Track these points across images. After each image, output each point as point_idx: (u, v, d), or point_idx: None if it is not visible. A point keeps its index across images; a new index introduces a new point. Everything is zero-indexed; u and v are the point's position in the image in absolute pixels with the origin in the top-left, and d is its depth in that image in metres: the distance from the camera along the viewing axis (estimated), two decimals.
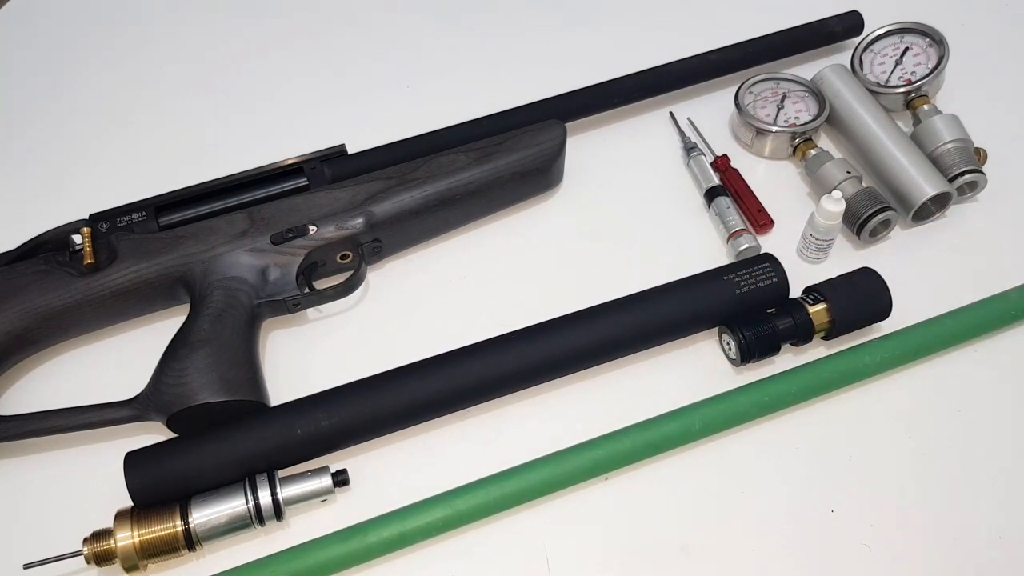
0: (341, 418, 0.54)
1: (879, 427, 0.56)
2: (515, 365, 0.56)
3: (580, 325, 0.57)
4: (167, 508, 0.51)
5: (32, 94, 0.79)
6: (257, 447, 0.53)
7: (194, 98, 0.78)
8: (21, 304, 0.57)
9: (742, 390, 0.56)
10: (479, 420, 0.57)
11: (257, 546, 0.53)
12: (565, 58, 0.78)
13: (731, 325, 0.57)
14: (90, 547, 0.50)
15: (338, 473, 0.53)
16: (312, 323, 0.63)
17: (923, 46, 0.69)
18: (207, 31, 0.83)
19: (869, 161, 0.66)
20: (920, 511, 0.53)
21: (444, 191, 0.62)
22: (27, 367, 0.61)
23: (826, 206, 0.59)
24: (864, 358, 0.57)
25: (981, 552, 0.52)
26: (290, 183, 0.63)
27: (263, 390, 0.57)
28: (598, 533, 0.53)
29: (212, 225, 0.60)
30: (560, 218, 0.67)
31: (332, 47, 0.81)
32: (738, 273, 0.58)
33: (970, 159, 0.64)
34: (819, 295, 0.58)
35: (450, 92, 0.76)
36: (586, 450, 0.54)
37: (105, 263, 0.58)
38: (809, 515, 0.53)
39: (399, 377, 0.56)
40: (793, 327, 0.57)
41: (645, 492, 0.54)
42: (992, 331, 0.59)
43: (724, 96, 0.72)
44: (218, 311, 0.57)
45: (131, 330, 0.63)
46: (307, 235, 0.60)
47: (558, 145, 0.65)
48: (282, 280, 0.59)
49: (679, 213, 0.67)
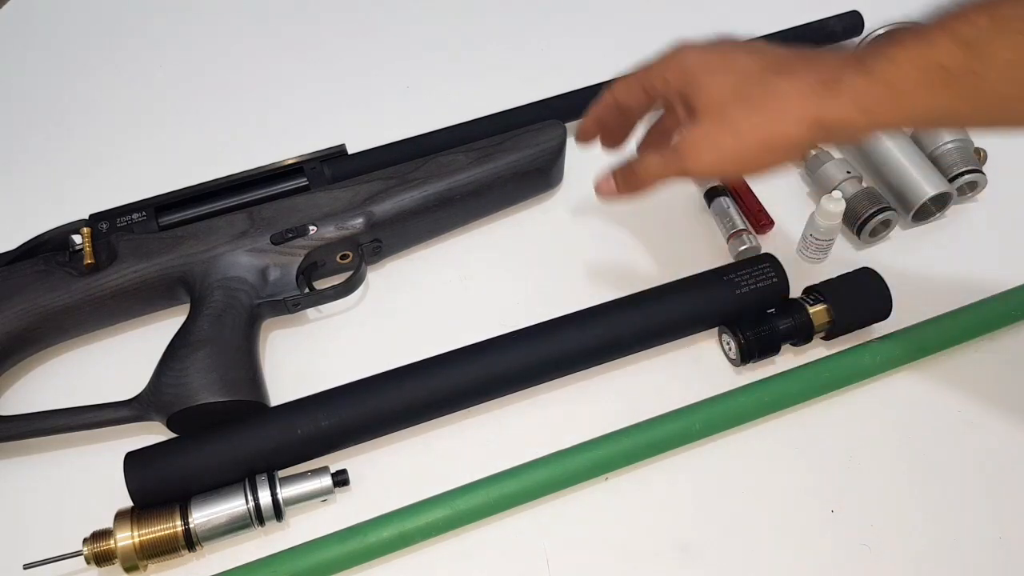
0: (341, 418, 0.54)
1: (879, 427, 0.56)
2: (515, 365, 0.56)
3: (580, 325, 0.57)
4: (167, 508, 0.51)
5: (32, 94, 0.79)
6: (257, 447, 0.53)
7: (194, 98, 0.78)
8: (21, 304, 0.57)
9: (742, 390, 0.56)
10: (479, 420, 0.57)
11: (257, 546, 0.53)
12: (565, 58, 0.77)
13: (731, 325, 0.57)
14: (90, 547, 0.50)
15: (338, 473, 0.53)
16: (312, 323, 0.63)
17: None
18: (207, 31, 0.83)
19: (869, 161, 0.66)
20: (920, 511, 0.53)
21: (444, 191, 0.62)
22: (27, 367, 0.61)
23: (826, 206, 0.59)
24: (864, 358, 0.57)
25: (981, 552, 0.52)
26: (290, 183, 0.63)
27: (263, 390, 0.57)
28: (598, 533, 0.53)
29: (212, 225, 0.60)
30: (560, 218, 0.67)
31: (332, 47, 0.81)
32: (738, 273, 0.58)
33: (970, 159, 0.64)
34: (819, 295, 0.58)
35: (450, 92, 0.76)
36: (586, 450, 0.54)
37: (105, 263, 0.58)
38: (809, 515, 0.53)
39: (399, 377, 0.56)
40: (793, 327, 0.57)
41: (645, 492, 0.54)
42: (992, 331, 0.59)
43: None
44: (218, 311, 0.57)
45: (131, 330, 0.63)
46: (307, 235, 0.60)
47: (558, 145, 0.65)
48: (282, 280, 0.59)
49: (679, 213, 0.67)
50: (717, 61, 0.50)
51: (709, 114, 0.49)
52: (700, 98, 0.49)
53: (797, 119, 0.46)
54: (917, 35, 0.44)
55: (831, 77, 0.45)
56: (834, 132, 0.47)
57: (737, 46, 0.51)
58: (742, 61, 0.49)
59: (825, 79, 0.46)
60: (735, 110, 0.48)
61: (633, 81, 0.54)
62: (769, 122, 0.47)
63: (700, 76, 0.49)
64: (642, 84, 0.53)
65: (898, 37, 0.45)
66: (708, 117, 0.49)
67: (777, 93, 0.47)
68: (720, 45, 0.51)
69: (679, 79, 0.50)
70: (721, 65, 0.49)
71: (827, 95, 0.45)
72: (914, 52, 0.43)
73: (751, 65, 0.48)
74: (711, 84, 0.49)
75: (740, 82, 0.48)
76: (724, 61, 0.49)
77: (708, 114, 0.49)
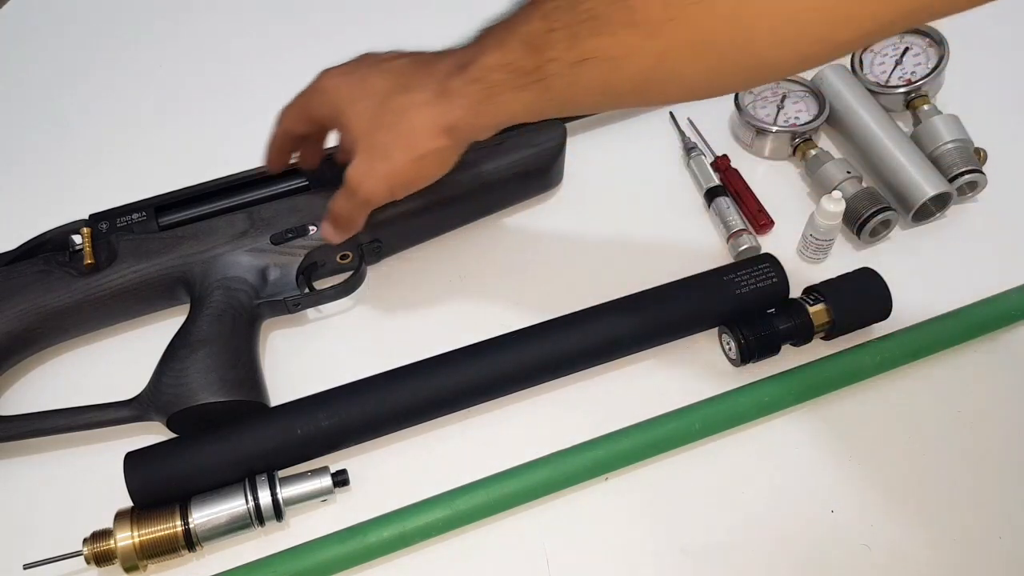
0: (341, 418, 0.54)
1: (879, 427, 0.56)
2: (515, 365, 0.56)
3: (580, 325, 0.57)
4: (167, 508, 0.51)
5: (32, 94, 0.79)
6: (257, 447, 0.53)
7: (194, 98, 0.78)
8: (21, 304, 0.57)
9: (742, 390, 0.56)
10: (479, 420, 0.57)
11: (257, 546, 0.53)
12: None
13: (731, 325, 0.57)
14: (90, 547, 0.50)
15: (338, 473, 0.53)
16: (312, 323, 0.63)
17: (923, 46, 0.69)
18: (208, 31, 0.83)
19: (869, 161, 0.66)
20: (920, 511, 0.53)
21: (444, 191, 0.62)
22: (27, 367, 0.61)
23: (826, 206, 0.59)
24: (864, 358, 0.57)
25: (981, 552, 0.52)
26: (290, 183, 0.63)
27: (263, 390, 0.57)
28: (598, 533, 0.53)
29: (212, 225, 0.60)
30: (560, 218, 0.67)
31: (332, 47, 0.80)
32: (738, 273, 0.58)
33: (970, 159, 0.64)
34: (819, 295, 0.58)
35: None
36: (586, 450, 0.54)
37: (105, 263, 0.58)
38: (809, 515, 0.53)
39: (399, 377, 0.56)
40: (793, 327, 0.57)
41: (645, 492, 0.54)
42: (992, 331, 0.59)
43: (724, 96, 0.72)
44: (218, 311, 0.57)
45: (131, 330, 0.63)
46: (307, 235, 0.60)
47: (558, 145, 0.65)
48: (282, 280, 0.59)
49: (679, 213, 0.67)
50: (355, 88, 0.52)
51: (361, 145, 0.52)
52: (350, 130, 0.52)
53: (430, 131, 0.50)
54: (498, 38, 0.47)
55: (444, 87, 0.49)
56: (462, 134, 0.50)
57: (371, 66, 0.53)
58: (375, 83, 0.52)
59: (440, 89, 0.49)
60: (380, 136, 0.51)
61: (294, 112, 0.56)
62: (409, 141, 0.50)
63: (343, 106, 0.52)
64: (303, 114, 0.56)
65: (490, 36, 0.48)
66: (361, 148, 0.52)
67: (407, 111, 0.50)
68: (357, 69, 0.53)
69: (329, 110, 0.53)
70: (360, 91, 0.52)
71: (443, 103, 0.49)
72: (497, 55, 0.47)
73: (383, 86, 0.51)
74: (353, 114, 0.52)
75: (377, 107, 0.51)
76: (361, 87, 0.52)
77: (360, 145, 0.52)
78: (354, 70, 0.53)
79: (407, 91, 0.50)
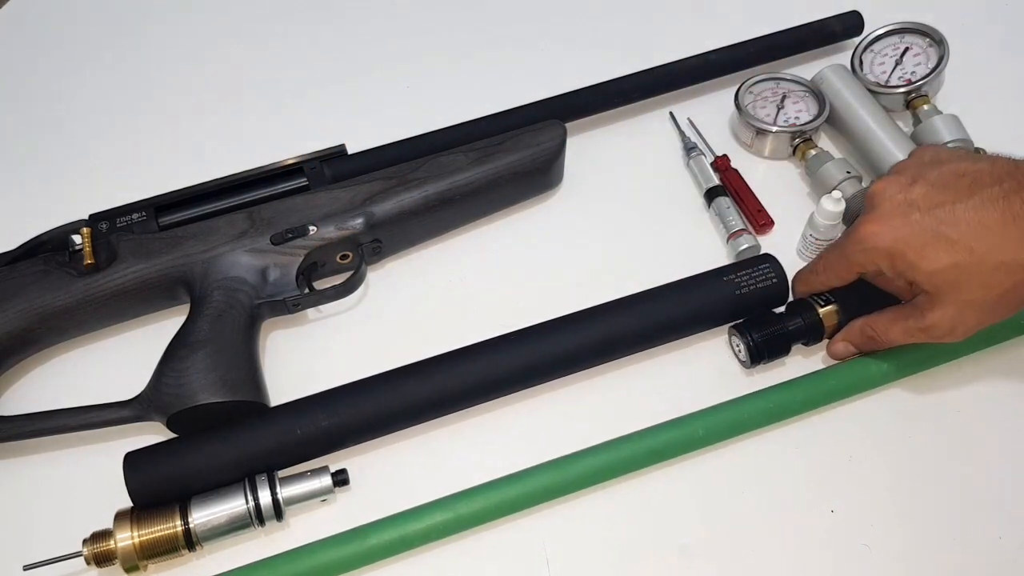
0: (341, 418, 0.54)
1: (879, 427, 0.56)
2: (515, 365, 0.56)
3: (580, 325, 0.57)
4: (167, 508, 0.51)
5: (32, 94, 0.79)
6: (257, 447, 0.53)
7: (194, 98, 0.78)
8: (21, 304, 0.57)
9: (747, 399, 0.55)
10: (479, 420, 0.57)
11: (257, 546, 0.53)
12: (565, 58, 0.77)
13: (740, 327, 0.57)
14: (90, 548, 0.50)
15: (338, 473, 0.53)
16: (312, 323, 0.63)
17: (923, 46, 0.69)
18: (207, 31, 0.83)
19: (869, 161, 0.66)
20: (920, 511, 0.53)
21: (444, 191, 0.62)
22: (27, 367, 0.61)
23: (826, 206, 0.59)
24: (871, 368, 0.56)
25: (981, 552, 0.52)
26: (290, 183, 0.63)
27: (263, 390, 0.57)
28: (598, 537, 0.53)
29: (212, 225, 0.60)
30: (560, 218, 0.67)
31: (332, 47, 0.81)
32: (738, 273, 0.58)
33: None
34: (829, 296, 0.57)
35: (450, 92, 0.76)
36: (588, 457, 0.53)
37: (105, 263, 0.58)
38: (809, 515, 0.53)
39: (399, 377, 0.56)
40: (803, 328, 0.56)
41: (645, 494, 0.54)
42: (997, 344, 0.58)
43: (724, 96, 0.72)
44: (218, 311, 0.57)
45: (131, 330, 0.63)
46: (307, 235, 0.60)
47: (558, 145, 0.65)
48: (282, 280, 0.59)
49: (679, 213, 0.67)
50: (917, 237, 0.50)
51: (944, 297, 0.50)
52: (925, 283, 0.50)
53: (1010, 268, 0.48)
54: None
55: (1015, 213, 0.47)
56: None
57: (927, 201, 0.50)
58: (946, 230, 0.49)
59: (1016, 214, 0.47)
60: (968, 290, 0.49)
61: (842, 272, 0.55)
62: (1000, 284, 0.48)
63: (912, 259, 0.50)
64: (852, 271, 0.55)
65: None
66: (945, 300, 0.50)
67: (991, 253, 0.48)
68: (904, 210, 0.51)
69: (891, 266, 0.51)
70: (932, 239, 0.49)
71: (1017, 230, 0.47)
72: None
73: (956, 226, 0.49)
74: (928, 265, 0.49)
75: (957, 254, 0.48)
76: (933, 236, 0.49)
77: (943, 297, 0.50)
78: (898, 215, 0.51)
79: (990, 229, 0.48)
